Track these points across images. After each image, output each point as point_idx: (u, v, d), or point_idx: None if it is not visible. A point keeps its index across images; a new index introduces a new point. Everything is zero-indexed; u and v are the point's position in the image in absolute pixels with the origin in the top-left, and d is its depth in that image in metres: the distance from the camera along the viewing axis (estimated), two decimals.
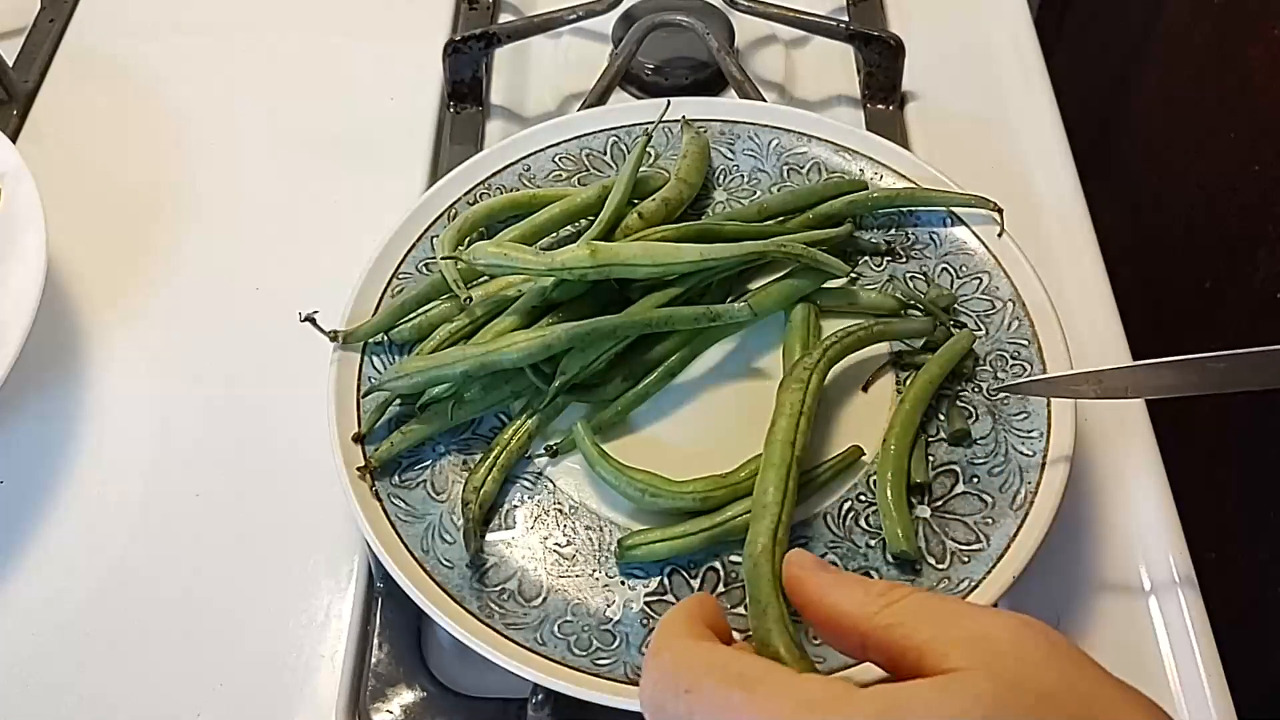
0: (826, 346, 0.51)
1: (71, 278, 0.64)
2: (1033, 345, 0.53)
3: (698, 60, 0.72)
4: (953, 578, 0.47)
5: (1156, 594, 0.52)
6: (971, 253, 0.57)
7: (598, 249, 0.51)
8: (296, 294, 0.61)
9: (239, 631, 0.52)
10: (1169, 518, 0.55)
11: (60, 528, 0.55)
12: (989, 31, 0.77)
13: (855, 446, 0.51)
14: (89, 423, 0.58)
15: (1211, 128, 0.84)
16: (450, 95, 0.72)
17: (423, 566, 0.47)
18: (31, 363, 0.58)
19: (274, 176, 0.69)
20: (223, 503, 0.56)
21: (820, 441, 0.52)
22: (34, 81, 0.74)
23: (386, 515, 0.49)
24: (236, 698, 0.50)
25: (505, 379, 0.52)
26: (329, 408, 0.51)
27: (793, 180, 0.60)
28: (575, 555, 0.49)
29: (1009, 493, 0.49)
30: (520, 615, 0.47)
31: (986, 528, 0.48)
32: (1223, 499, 0.84)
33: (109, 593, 0.53)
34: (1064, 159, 0.69)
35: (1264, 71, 0.76)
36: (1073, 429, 0.50)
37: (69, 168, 0.69)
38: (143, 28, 0.77)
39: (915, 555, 0.47)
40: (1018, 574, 0.46)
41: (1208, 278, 0.85)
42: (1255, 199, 0.78)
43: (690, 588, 0.48)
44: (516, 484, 0.51)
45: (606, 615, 0.47)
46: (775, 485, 0.45)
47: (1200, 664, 0.50)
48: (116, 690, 0.50)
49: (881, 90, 0.72)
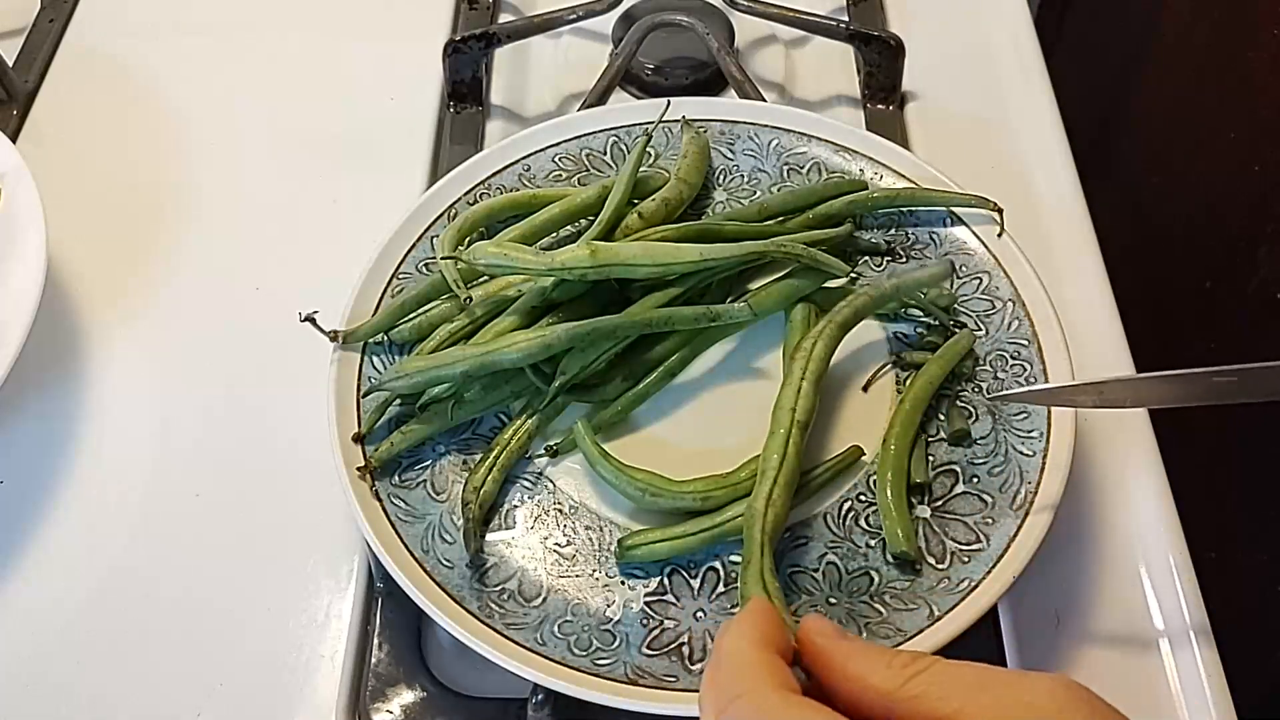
0: (836, 312, 0.51)
1: (71, 278, 0.64)
2: (1032, 345, 0.53)
3: (698, 60, 0.72)
4: (953, 578, 0.47)
5: (1156, 594, 0.52)
6: (971, 253, 0.57)
7: (598, 249, 0.51)
8: (296, 294, 0.61)
9: (239, 631, 0.52)
10: (1169, 518, 0.55)
11: (60, 528, 0.55)
12: (989, 31, 0.77)
13: (855, 447, 0.51)
14: (89, 423, 0.58)
15: (1211, 128, 0.84)
16: (450, 95, 0.72)
17: (423, 566, 0.47)
18: (32, 363, 0.58)
19: (274, 176, 0.69)
20: (223, 503, 0.56)
21: (821, 442, 0.52)
22: (34, 81, 0.74)
23: (386, 515, 0.49)
24: (236, 698, 0.50)
25: (505, 379, 0.52)
26: (329, 408, 0.51)
27: (793, 180, 0.60)
28: (575, 555, 0.49)
29: (1009, 493, 0.49)
30: (520, 615, 0.47)
31: (986, 528, 0.48)
32: (1223, 499, 0.84)
33: (109, 593, 0.53)
34: (1064, 159, 0.69)
35: (1264, 71, 0.76)
36: (1073, 429, 0.50)
37: (69, 168, 0.69)
38: (143, 27, 0.77)
39: (915, 555, 0.47)
40: (1018, 574, 0.46)
41: (1208, 278, 0.85)
42: (1255, 199, 0.78)
43: (690, 588, 0.48)
44: (516, 484, 0.52)
45: (606, 615, 0.47)
46: (776, 451, 0.47)
47: (1200, 664, 0.50)
48: (116, 690, 0.50)
49: (881, 90, 0.72)
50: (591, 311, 0.53)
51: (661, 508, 0.50)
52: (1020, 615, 0.52)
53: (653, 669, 0.45)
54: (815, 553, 0.49)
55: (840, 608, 0.47)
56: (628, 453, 0.51)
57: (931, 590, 0.47)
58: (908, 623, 0.46)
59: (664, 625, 0.47)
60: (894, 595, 0.47)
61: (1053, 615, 0.52)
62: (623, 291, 0.55)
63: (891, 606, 0.46)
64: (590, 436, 0.51)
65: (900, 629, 0.45)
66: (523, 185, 0.60)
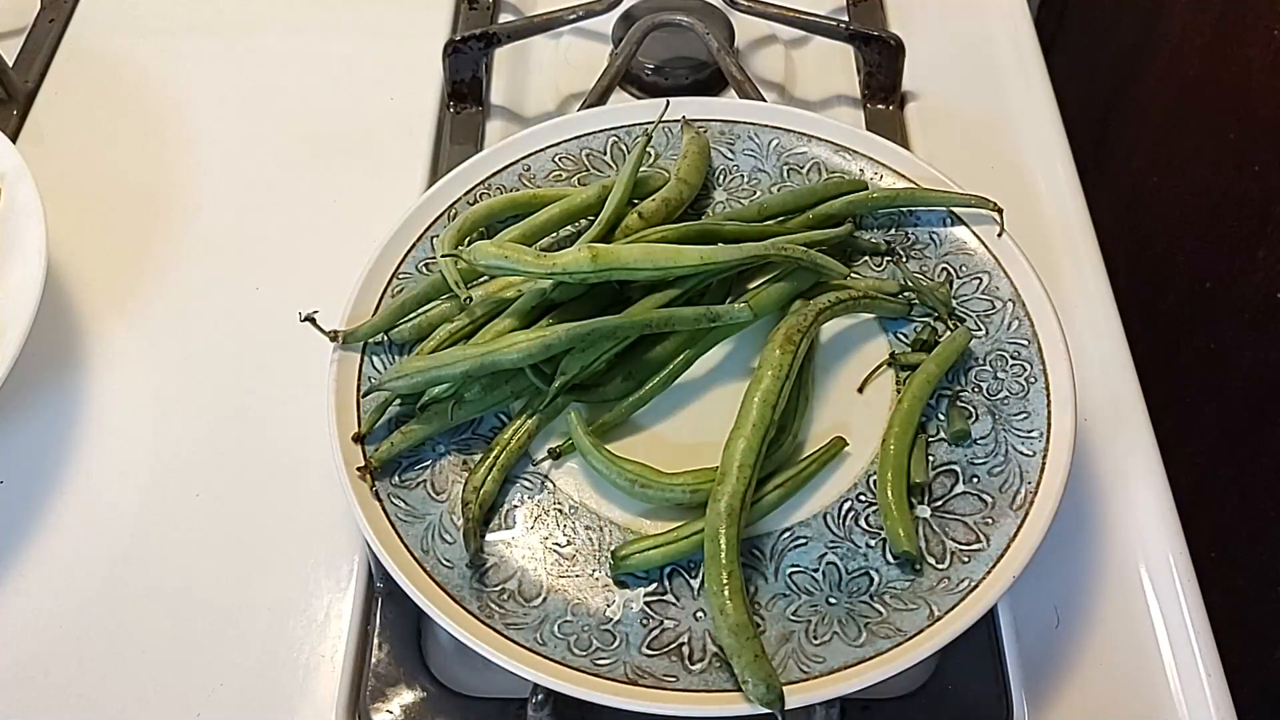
0: (819, 309, 0.52)
1: (71, 278, 0.64)
2: (1032, 345, 0.53)
3: (698, 60, 0.72)
4: (953, 578, 0.47)
5: (1156, 594, 0.52)
6: (971, 253, 0.57)
7: (598, 252, 0.51)
8: (296, 293, 0.61)
9: (239, 631, 0.52)
10: (1169, 518, 0.55)
11: (60, 528, 0.55)
12: (989, 31, 0.77)
13: (838, 438, 0.51)
14: (89, 422, 0.58)
15: (1211, 128, 0.84)
16: (450, 95, 0.72)
17: (423, 566, 0.47)
18: (32, 362, 0.58)
19: (274, 176, 0.69)
20: (223, 502, 0.56)
21: (819, 442, 0.52)
22: (34, 81, 0.74)
23: (386, 515, 0.49)
24: (236, 698, 0.50)
25: (505, 379, 0.52)
26: (328, 408, 0.51)
27: (792, 180, 0.60)
28: (575, 555, 0.49)
29: (1009, 493, 0.49)
30: (520, 615, 0.47)
31: (987, 528, 0.48)
32: (1223, 499, 0.84)
33: (109, 592, 0.53)
34: (1064, 159, 0.69)
35: (1264, 71, 0.76)
36: (1073, 428, 0.50)
37: (69, 167, 0.69)
38: (143, 27, 0.77)
39: (916, 555, 0.47)
40: (1018, 574, 0.46)
41: (1208, 278, 0.85)
42: (1255, 199, 0.78)
43: (690, 588, 0.48)
44: (516, 484, 0.52)
45: (606, 615, 0.47)
46: (750, 445, 0.48)
47: (1200, 664, 0.50)
48: (116, 690, 0.50)
49: (882, 90, 0.72)
50: (591, 312, 0.53)
51: (652, 499, 0.50)
52: (1020, 615, 0.52)
53: (653, 669, 0.45)
54: (815, 553, 0.49)
55: (840, 608, 0.47)
56: (629, 450, 0.51)
57: (932, 590, 0.47)
58: (908, 623, 0.46)
59: (664, 625, 0.47)
60: (894, 595, 0.47)
61: (1053, 615, 0.52)
62: (623, 291, 0.55)
63: (891, 606, 0.46)
64: (583, 427, 0.51)
65: (900, 629, 0.45)
66: (523, 185, 0.60)
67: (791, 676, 0.44)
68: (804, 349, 0.51)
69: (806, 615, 0.47)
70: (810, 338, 0.52)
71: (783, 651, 0.45)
